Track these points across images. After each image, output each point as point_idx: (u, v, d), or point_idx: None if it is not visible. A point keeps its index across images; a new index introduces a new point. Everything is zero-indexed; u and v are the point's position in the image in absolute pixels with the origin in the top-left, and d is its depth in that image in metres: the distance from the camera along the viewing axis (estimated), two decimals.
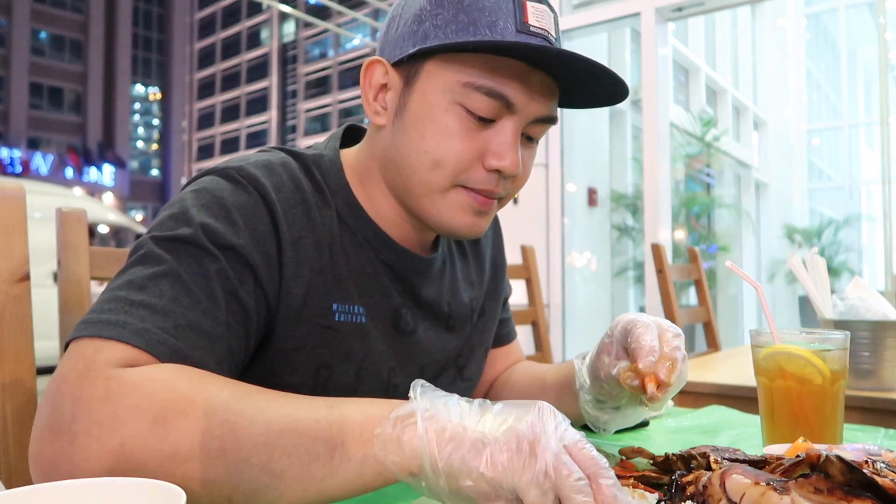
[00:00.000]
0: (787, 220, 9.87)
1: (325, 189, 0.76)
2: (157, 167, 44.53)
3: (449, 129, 0.70)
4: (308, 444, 0.52)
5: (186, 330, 0.59)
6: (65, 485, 0.45)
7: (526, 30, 0.69)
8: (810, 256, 1.26)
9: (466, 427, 0.49)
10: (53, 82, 36.51)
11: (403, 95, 0.73)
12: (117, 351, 0.56)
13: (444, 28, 0.69)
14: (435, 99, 0.71)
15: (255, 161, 0.72)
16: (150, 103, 44.21)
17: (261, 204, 0.68)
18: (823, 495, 0.44)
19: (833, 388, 0.76)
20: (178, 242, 0.63)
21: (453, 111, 0.70)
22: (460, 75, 0.69)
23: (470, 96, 0.69)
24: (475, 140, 0.71)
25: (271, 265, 0.68)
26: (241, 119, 41.66)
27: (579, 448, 0.47)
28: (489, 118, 0.70)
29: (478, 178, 0.72)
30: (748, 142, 9.43)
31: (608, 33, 5.83)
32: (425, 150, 0.71)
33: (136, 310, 0.58)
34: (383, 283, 0.79)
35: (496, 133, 0.71)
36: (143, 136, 44.13)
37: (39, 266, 5.52)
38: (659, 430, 0.95)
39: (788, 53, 10.33)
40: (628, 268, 6.93)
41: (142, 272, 0.61)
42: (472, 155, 0.71)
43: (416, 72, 0.72)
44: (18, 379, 0.78)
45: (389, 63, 0.74)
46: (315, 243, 0.72)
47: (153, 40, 43.58)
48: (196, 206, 0.66)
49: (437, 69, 0.71)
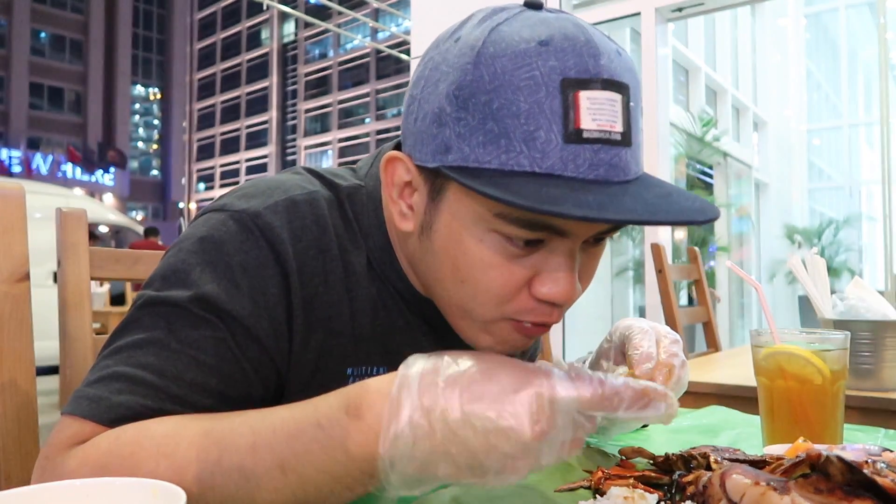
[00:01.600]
0: (787, 220, 9.87)
1: (356, 230, 0.67)
2: (157, 167, 44.55)
3: (486, 262, 0.57)
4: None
5: (169, 403, 0.56)
6: (65, 485, 0.45)
7: (579, 138, 0.52)
8: (810, 256, 1.26)
9: None
10: (53, 82, 36.53)
11: (429, 211, 0.60)
12: (77, 428, 0.55)
13: (469, 139, 0.54)
14: (464, 227, 0.57)
15: (275, 202, 0.63)
16: (150, 103, 44.23)
17: (271, 262, 0.61)
18: (823, 495, 0.44)
19: (833, 388, 0.76)
20: (172, 307, 0.59)
21: (488, 240, 0.56)
22: (490, 204, 0.54)
23: (508, 228, 0.55)
24: (520, 266, 0.57)
25: (279, 330, 0.61)
26: (241, 119, 41.68)
27: None
28: (535, 240, 0.56)
29: (527, 309, 0.59)
30: (748, 142, 9.43)
31: (608, 33, 5.83)
32: (461, 280, 0.59)
33: (116, 382, 0.56)
34: (417, 338, 0.70)
35: (545, 255, 0.57)
36: (143, 136, 44.15)
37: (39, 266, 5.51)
38: (659, 430, 0.95)
39: (788, 53, 10.33)
40: (628, 268, 6.92)
41: (131, 339, 0.58)
42: (518, 283, 0.58)
43: (440, 188, 0.59)
44: (18, 379, 0.78)
45: (412, 162, 0.60)
46: (334, 301, 0.65)
47: (153, 40, 43.59)
48: (200, 263, 0.60)
49: (462, 195, 0.57)
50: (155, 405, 0.56)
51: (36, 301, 0.81)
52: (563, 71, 0.52)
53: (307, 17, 7.29)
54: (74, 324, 0.87)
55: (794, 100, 10.47)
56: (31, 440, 0.78)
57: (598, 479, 0.61)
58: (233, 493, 0.50)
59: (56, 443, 0.56)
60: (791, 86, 10.37)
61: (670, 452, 0.62)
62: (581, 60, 0.53)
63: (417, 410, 0.44)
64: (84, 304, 0.89)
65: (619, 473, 0.61)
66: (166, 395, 0.56)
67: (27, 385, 0.79)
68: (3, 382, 0.77)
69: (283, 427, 0.50)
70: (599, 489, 0.60)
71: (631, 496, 0.54)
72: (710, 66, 8.36)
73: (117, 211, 10.50)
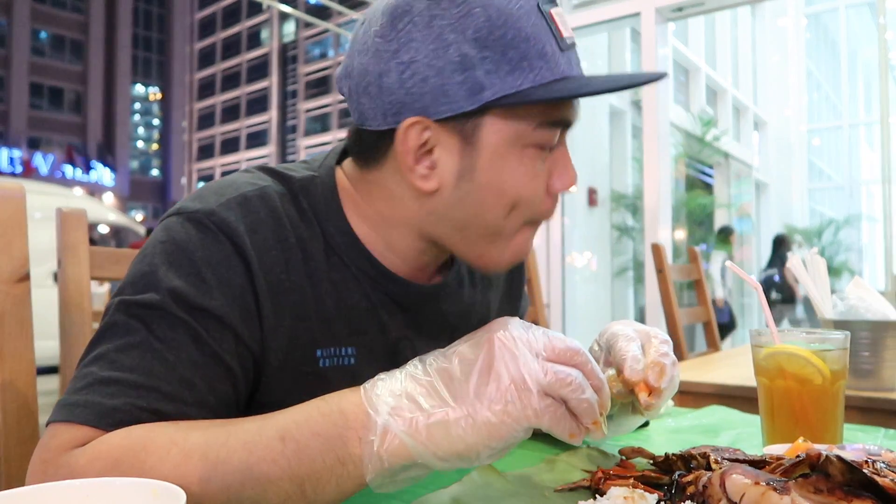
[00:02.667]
0: (787, 220, 9.87)
1: (311, 218, 0.70)
2: (157, 167, 44.54)
3: (529, 175, 0.66)
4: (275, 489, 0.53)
5: (162, 401, 0.58)
6: (65, 485, 0.45)
7: (565, 46, 0.65)
8: (810, 256, 1.26)
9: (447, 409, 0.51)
10: (53, 82, 36.52)
11: (467, 155, 0.65)
12: (73, 433, 0.56)
13: (498, 72, 0.62)
14: (507, 151, 0.65)
15: (228, 200, 0.66)
16: (150, 103, 44.22)
17: (233, 255, 0.63)
18: (823, 495, 0.44)
19: (833, 388, 0.76)
20: (147, 309, 0.60)
21: (527, 154, 0.65)
22: (530, 119, 0.64)
23: (546, 135, 0.65)
24: (543, 173, 0.67)
25: (251, 318, 0.64)
26: (241, 119, 41.67)
27: (554, 350, 0.53)
28: None
29: (546, 209, 0.69)
30: (748, 142, 9.43)
31: (608, 33, 5.83)
32: (504, 202, 0.66)
33: (106, 387, 0.57)
34: (380, 317, 0.73)
35: (556, 156, 0.68)
36: (143, 136, 44.14)
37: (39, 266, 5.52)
38: (659, 430, 0.95)
39: (788, 53, 10.33)
40: (628, 268, 6.93)
41: (112, 344, 0.59)
42: (542, 188, 0.68)
43: (473, 129, 0.64)
44: (18, 379, 0.78)
45: (432, 120, 0.64)
46: (296, 286, 0.67)
47: (153, 40, 43.58)
48: (164, 264, 0.62)
49: (500, 121, 0.64)
50: (149, 406, 0.57)
51: (36, 301, 0.81)
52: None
53: (307, 16, 7.28)
54: (74, 324, 0.87)
55: (794, 100, 10.47)
56: (31, 440, 0.78)
57: (598, 479, 0.62)
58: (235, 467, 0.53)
59: (54, 447, 0.56)
60: (791, 86, 10.38)
61: (670, 452, 0.62)
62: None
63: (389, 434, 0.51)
64: (84, 304, 0.89)
65: (619, 473, 0.61)
66: (158, 395, 0.58)
67: (27, 385, 0.79)
68: (4, 382, 0.77)
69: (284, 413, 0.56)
70: (599, 489, 0.60)
71: (631, 496, 0.54)
72: (710, 66, 8.37)
73: (117, 211, 10.50)
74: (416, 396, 0.52)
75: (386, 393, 0.53)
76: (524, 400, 0.50)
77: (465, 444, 0.50)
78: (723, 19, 8.82)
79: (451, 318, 0.80)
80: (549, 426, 0.51)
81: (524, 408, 0.50)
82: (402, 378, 0.54)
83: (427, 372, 0.54)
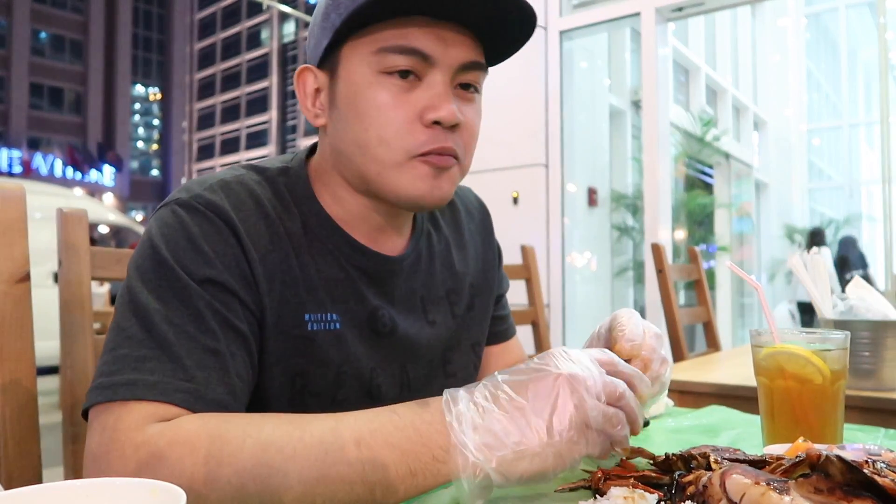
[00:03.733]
0: (787, 220, 9.87)
1: (288, 200, 0.77)
2: (157, 167, 44.54)
3: (379, 101, 0.72)
4: (346, 489, 0.57)
5: (195, 370, 0.62)
6: (65, 485, 0.45)
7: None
8: (810, 256, 1.26)
9: (519, 442, 0.57)
10: (53, 82, 36.52)
11: (332, 88, 0.76)
12: (137, 412, 0.59)
13: (346, 11, 0.70)
14: (359, 77, 0.73)
15: (211, 185, 0.73)
16: (150, 103, 44.22)
17: (224, 228, 0.69)
18: (823, 495, 0.44)
19: (833, 388, 0.76)
20: (160, 287, 0.65)
21: (377, 81, 0.72)
22: (372, 45, 0.71)
23: (387, 60, 0.71)
24: (407, 103, 0.72)
25: (249, 285, 0.70)
26: (241, 119, 41.67)
27: (607, 368, 0.63)
28: (411, 71, 0.72)
29: (424, 140, 0.73)
30: (748, 142, 9.42)
31: (608, 33, 5.83)
32: (365, 127, 0.73)
33: (144, 364, 0.61)
34: (357, 288, 0.79)
35: (425, 89, 0.72)
36: (143, 136, 44.14)
37: (39, 266, 5.52)
38: (659, 430, 0.95)
39: (788, 53, 10.32)
40: (628, 268, 6.92)
41: (136, 324, 0.64)
42: (410, 117, 0.72)
43: (335, 62, 0.75)
44: (18, 379, 0.78)
45: (315, 66, 0.77)
46: (283, 256, 0.73)
47: (153, 40, 43.58)
48: (164, 244, 0.67)
49: (351, 51, 0.73)
50: (184, 378, 0.62)
51: (36, 301, 0.81)
52: None
53: (307, 17, 7.29)
54: (74, 324, 0.87)
55: (794, 100, 10.46)
56: (32, 440, 0.79)
57: (597, 479, 0.61)
58: (312, 464, 0.57)
59: (123, 428, 0.58)
60: (791, 86, 10.37)
61: (670, 452, 0.62)
62: None
63: None
64: (84, 304, 0.89)
65: (619, 473, 0.61)
66: (187, 366, 0.62)
67: (28, 385, 0.79)
68: (4, 382, 0.77)
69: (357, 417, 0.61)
70: (599, 489, 0.60)
71: (631, 496, 0.54)
72: (710, 66, 8.36)
73: (117, 211, 10.49)
74: (498, 434, 0.58)
75: (469, 428, 0.58)
76: (587, 437, 0.59)
77: (540, 471, 0.58)
78: (723, 19, 8.81)
79: (419, 289, 0.86)
80: (598, 455, 0.61)
81: (586, 443, 0.59)
82: (478, 411, 0.59)
83: (503, 408, 0.59)
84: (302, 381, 0.75)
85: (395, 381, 0.83)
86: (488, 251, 0.99)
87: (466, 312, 0.92)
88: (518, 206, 4.27)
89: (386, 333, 0.81)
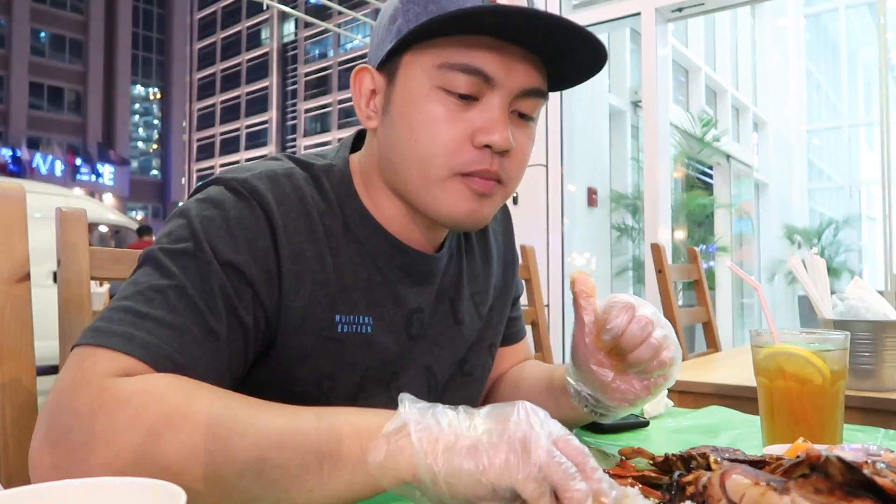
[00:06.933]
0: (787, 220, 9.86)
1: (332, 199, 0.76)
2: (157, 167, 44.54)
3: (434, 115, 0.71)
4: (298, 457, 0.54)
5: (191, 345, 0.61)
6: (65, 484, 0.45)
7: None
8: (810, 256, 1.26)
9: (459, 435, 0.51)
10: (53, 82, 36.53)
11: (388, 93, 0.75)
12: (115, 361, 0.58)
13: (416, 21, 0.70)
14: (415, 88, 0.71)
15: (259, 172, 0.72)
16: (150, 103, 44.22)
17: (262, 218, 0.69)
18: (823, 495, 0.44)
19: (833, 389, 0.76)
20: (185, 256, 0.65)
21: (434, 96, 0.71)
22: (435, 58, 0.70)
23: (448, 77, 0.70)
24: (461, 121, 0.71)
25: (271, 280, 0.69)
26: (241, 119, 41.66)
27: (566, 441, 0.50)
28: (470, 95, 0.70)
29: (471, 160, 0.71)
30: (748, 142, 9.42)
31: (608, 33, 5.83)
32: (415, 139, 0.72)
33: (144, 322, 0.60)
34: (395, 289, 0.78)
35: (482, 110, 0.71)
36: (143, 136, 44.15)
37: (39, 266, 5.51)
38: (659, 430, 0.95)
39: (788, 53, 10.32)
40: (628, 268, 6.93)
41: (150, 283, 0.63)
42: (461, 136, 0.71)
43: (395, 67, 0.74)
44: (18, 379, 0.78)
45: (374, 68, 0.76)
46: (318, 255, 0.72)
47: (153, 40, 43.58)
48: (200, 219, 0.67)
49: (413, 59, 0.72)
50: (177, 348, 0.60)
51: (36, 301, 0.81)
52: None
53: (307, 17, 7.29)
54: (74, 324, 0.87)
55: (794, 100, 10.46)
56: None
57: None
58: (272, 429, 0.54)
59: (97, 372, 0.57)
60: (791, 86, 10.37)
61: (670, 452, 0.62)
62: None
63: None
64: (84, 304, 0.89)
65: (619, 473, 0.61)
66: (186, 338, 0.61)
67: (27, 385, 0.79)
68: (4, 382, 0.77)
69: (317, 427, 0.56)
70: None
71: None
72: (710, 66, 8.36)
73: (117, 211, 10.48)
74: (441, 420, 0.52)
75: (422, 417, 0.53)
76: (524, 461, 0.48)
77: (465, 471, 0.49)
78: (723, 19, 8.81)
79: (449, 290, 0.86)
80: (530, 497, 0.48)
81: (524, 466, 0.48)
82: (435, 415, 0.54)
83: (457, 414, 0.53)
84: (329, 383, 0.74)
85: (420, 381, 0.82)
86: (509, 253, 1.00)
87: (488, 314, 0.93)
88: (518, 207, 4.27)
89: (420, 336, 0.81)
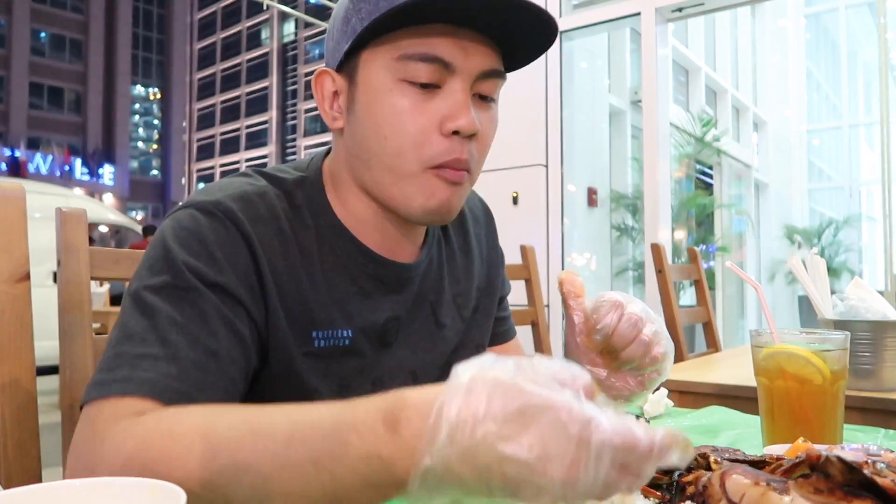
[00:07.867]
0: (787, 220, 9.86)
1: (305, 214, 0.77)
2: (157, 167, 44.53)
3: (398, 108, 0.71)
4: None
5: (191, 371, 0.62)
6: (65, 485, 0.45)
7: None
8: (810, 257, 1.26)
9: None
10: (53, 82, 36.52)
11: (350, 93, 0.75)
12: (121, 406, 0.58)
13: (369, 17, 0.70)
14: (377, 83, 0.72)
15: (231, 194, 0.72)
16: (150, 103, 44.21)
17: (239, 238, 0.69)
18: (823, 495, 0.44)
19: (833, 389, 0.76)
20: (169, 288, 0.65)
21: (398, 89, 0.71)
22: (393, 52, 0.71)
23: (408, 68, 0.70)
24: (427, 111, 0.71)
25: (256, 297, 0.70)
26: (241, 119, 41.64)
27: None
28: (432, 83, 0.71)
29: (441, 150, 0.72)
30: (748, 142, 9.42)
31: (608, 33, 5.83)
32: (383, 135, 0.72)
33: (140, 362, 0.61)
34: (372, 300, 0.79)
35: (445, 97, 0.71)
36: (143, 136, 44.13)
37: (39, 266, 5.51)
38: None
39: (788, 53, 10.32)
40: (628, 268, 6.92)
41: (140, 324, 0.63)
42: (428, 126, 0.71)
43: (354, 66, 0.74)
44: (18, 379, 0.78)
45: (333, 70, 0.77)
46: (293, 273, 0.73)
47: (153, 40, 43.58)
48: (178, 246, 0.67)
49: (371, 56, 0.73)
50: (178, 375, 0.61)
51: (36, 301, 0.81)
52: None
53: (307, 17, 7.28)
54: (74, 324, 0.87)
55: (794, 100, 10.46)
56: (31, 440, 0.79)
57: None
58: (266, 476, 0.49)
59: (102, 420, 0.58)
60: (791, 86, 10.36)
61: None
62: None
63: (449, 447, 0.41)
64: (84, 304, 0.89)
65: None
66: (185, 367, 0.61)
67: (27, 385, 0.79)
68: (4, 382, 0.77)
69: (320, 424, 0.49)
70: None
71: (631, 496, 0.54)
72: (710, 66, 8.36)
73: (117, 211, 10.48)
74: None
75: None
76: None
77: None
78: (723, 20, 8.81)
79: (430, 294, 0.86)
80: None
81: None
82: None
83: None
84: (317, 396, 0.74)
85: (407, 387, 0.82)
86: (493, 254, 1.00)
87: (472, 315, 0.93)
88: (518, 207, 4.27)
89: (398, 343, 0.82)
